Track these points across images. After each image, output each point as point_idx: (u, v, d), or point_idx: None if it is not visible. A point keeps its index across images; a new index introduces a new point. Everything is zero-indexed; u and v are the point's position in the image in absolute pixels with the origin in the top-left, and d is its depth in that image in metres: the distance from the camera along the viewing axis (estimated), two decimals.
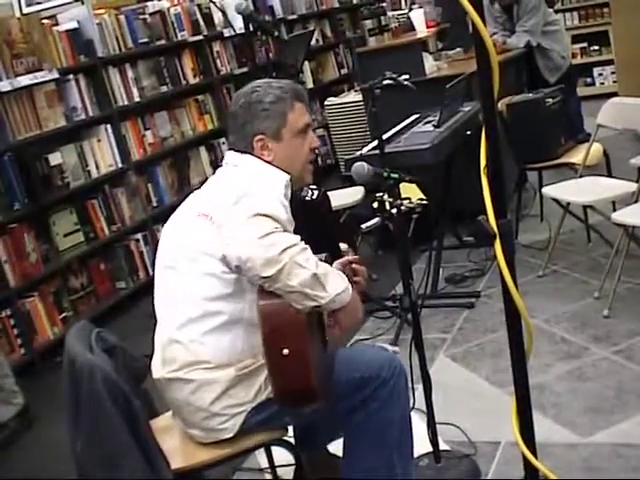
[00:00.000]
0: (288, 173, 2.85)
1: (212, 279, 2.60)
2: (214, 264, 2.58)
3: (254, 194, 2.60)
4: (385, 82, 4.09)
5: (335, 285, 2.57)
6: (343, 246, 3.15)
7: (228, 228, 2.53)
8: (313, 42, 8.15)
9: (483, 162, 2.05)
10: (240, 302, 2.60)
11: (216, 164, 7.02)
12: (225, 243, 2.52)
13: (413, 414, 3.30)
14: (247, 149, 2.82)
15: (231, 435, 2.68)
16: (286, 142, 2.84)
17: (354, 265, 3.05)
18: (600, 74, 10.33)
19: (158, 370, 2.73)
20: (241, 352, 2.62)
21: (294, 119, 2.85)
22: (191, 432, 2.74)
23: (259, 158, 2.81)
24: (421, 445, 3.35)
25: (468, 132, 5.07)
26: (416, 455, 3.30)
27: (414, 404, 3.30)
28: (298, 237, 2.54)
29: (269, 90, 2.83)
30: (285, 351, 2.47)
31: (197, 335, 2.63)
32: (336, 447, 2.96)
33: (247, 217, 2.49)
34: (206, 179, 3.03)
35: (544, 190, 5.20)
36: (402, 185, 3.30)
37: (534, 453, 2.25)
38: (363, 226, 3.36)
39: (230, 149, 2.90)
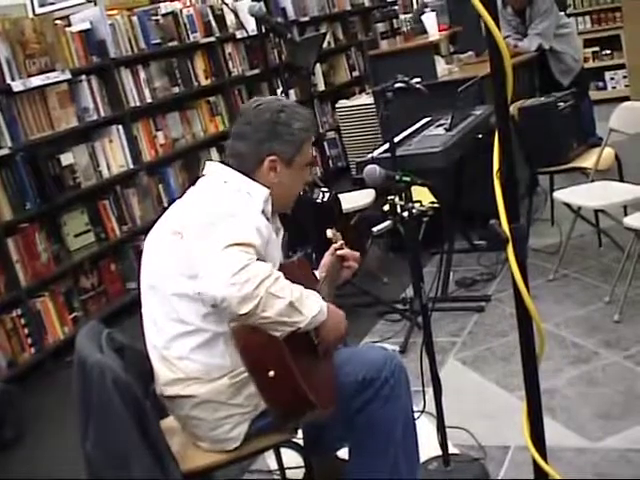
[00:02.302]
0: (282, 199, 2.86)
1: (189, 299, 2.58)
2: (188, 284, 2.55)
3: (230, 218, 2.55)
4: (397, 85, 4.09)
5: (310, 307, 2.54)
6: (329, 232, 3.12)
7: (201, 257, 2.48)
8: (325, 44, 8.14)
9: (496, 166, 2.05)
10: (220, 318, 2.55)
11: None
12: (199, 275, 2.47)
13: (423, 417, 3.32)
14: (253, 164, 2.78)
15: (237, 444, 2.69)
16: (294, 170, 2.83)
17: (340, 252, 3.05)
18: (612, 78, 10.30)
19: (157, 386, 2.74)
20: (231, 365, 2.61)
21: (307, 150, 2.86)
22: (199, 444, 2.74)
23: (249, 176, 2.77)
24: (430, 448, 3.36)
25: (479, 135, 5.07)
26: (425, 458, 3.33)
27: (424, 407, 3.31)
28: (271, 265, 2.50)
29: (297, 116, 2.81)
30: (271, 373, 2.47)
31: (185, 352, 2.63)
32: (344, 451, 2.96)
33: (221, 248, 2.43)
34: None
35: (555, 194, 5.19)
36: (413, 188, 3.29)
37: (544, 458, 2.25)
38: (374, 229, 3.36)
39: (220, 161, 2.87)
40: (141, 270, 2.80)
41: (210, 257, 2.45)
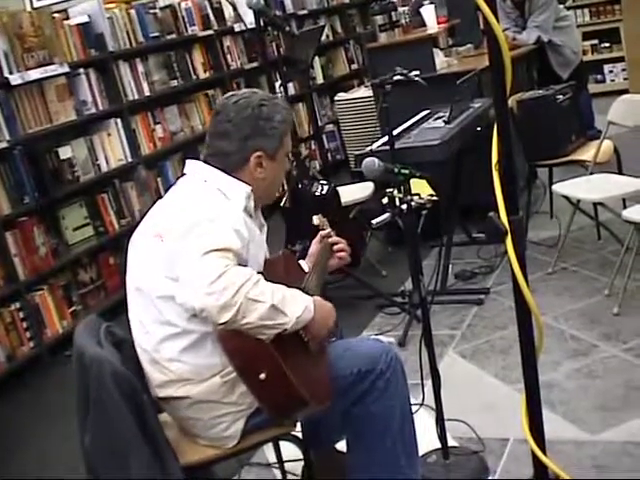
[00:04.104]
0: (266, 192, 2.87)
1: (174, 301, 2.56)
2: (173, 287, 2.53)
3: (208, 222, 2.53)
4: (396, 78, 4.09)
5: (295, 307, 2.52)
6: (316, 219, 3.12)
7: (180, 264, 2.47)
8: (323, 37, 8.13)
9: (495, 159, 2.05)
10: (205, 319, 2.51)
11: None
12: (179, 282, 2.47)
13: (422, 410, 3.33)
14: (239, 162, 2.76)
15: (235, 442, 2.69)
16: (278, 163, 2.83)
17: (330, 239, 3.08)
18: (611, 71, 10.28)
19: (150, 388, 2.73)
20: (221, 363, 2.60)
21: (287, 141, 2.86)
22: (198, 442, 2.74)
23: (232, 173, 2.76)
24: (430, 441, 3.36)
25: (478, 128, 5.07)
26: (425, 451, 3.33)
27: (423, 400, 3.31)
28: (250, 270, 2.48)
29: (277, 108, 2.79)
30: (262, 376, 2.47)
31: (175, 354, 2.62)
32: (343, 444, 2.95)
33: (198, 255, 2.41)
34: None
35: (554, 187, 5.18)
36: (411, 181, 3.29)
37: (543, 450, 2.25)
38: (373, 222, 3.36)
39: (194, 158, 2.86)
40: (127, 273, 2.79)
41: (188, 265, 2.44)
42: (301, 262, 3.08)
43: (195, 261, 2.42)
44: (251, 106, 2.76)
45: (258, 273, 2.51)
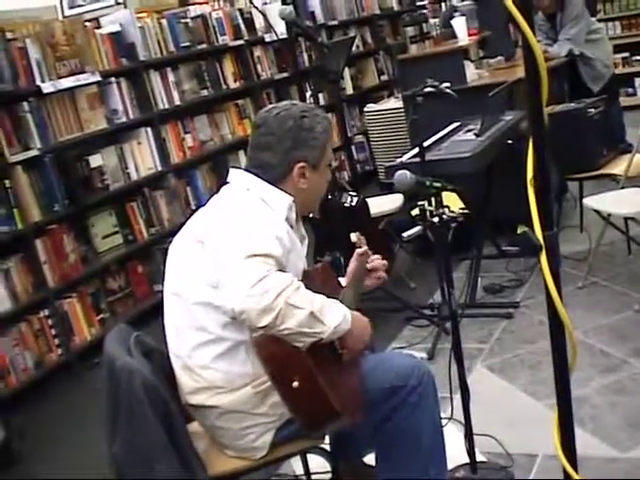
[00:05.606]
0: (309, 203, 2.90)
1: (211, 307, 2.57)
2: (210, 293, 2.55)
3: (251, 228, 2.54)
4: (426, 90, 4.08)
5: (333, 317, 2.51)
6: (354, 237, 3.12)
7: (221, 268, 2.47)
8: (354, 48, 8.12)
9: (530, 173, 2.03)
10: (241, 327, 2.54)
11: None
12: (219, 286, 2.48)
13: (450, 424, 3.30)
14: (282, 173, 2.77)
15: (263, 454, 2.68)
16: (320, 173, 2.84)
17: (370, 265, 3.07)
18: None
19: (181, 395, 2.73)
20: (253, 373, 2.60)
21: (328, 152, 2.87)
22: (225, 452, 2.74)
23: (275, 184, 2.77)
24: (458, 456, 3.34)
25: (509, 141, 5.04)
26: (453, 466, 3.31)
27: (452, 414, 3.28)
28: (291, 276, 2.48)
29: (317, 119, 2.80)
30: (295, 384, 2.46)
31: (208, 361, 2.62)
32: (371, 457, 2.94)
33: (240, 259, 2.42)
34: None
35: (585, 201, 5.15)
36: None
37: (574, 467, 2.22)
38: (404, 234, 3.34)
39: (237, 167, 2.87)
40: (166, 276, 2.80)
41: (229, 269, 2.44)
42: (340, 279, 3.07)
43: (237, 265, 2.42)
44: (292, 118, 2.76)
45: None
